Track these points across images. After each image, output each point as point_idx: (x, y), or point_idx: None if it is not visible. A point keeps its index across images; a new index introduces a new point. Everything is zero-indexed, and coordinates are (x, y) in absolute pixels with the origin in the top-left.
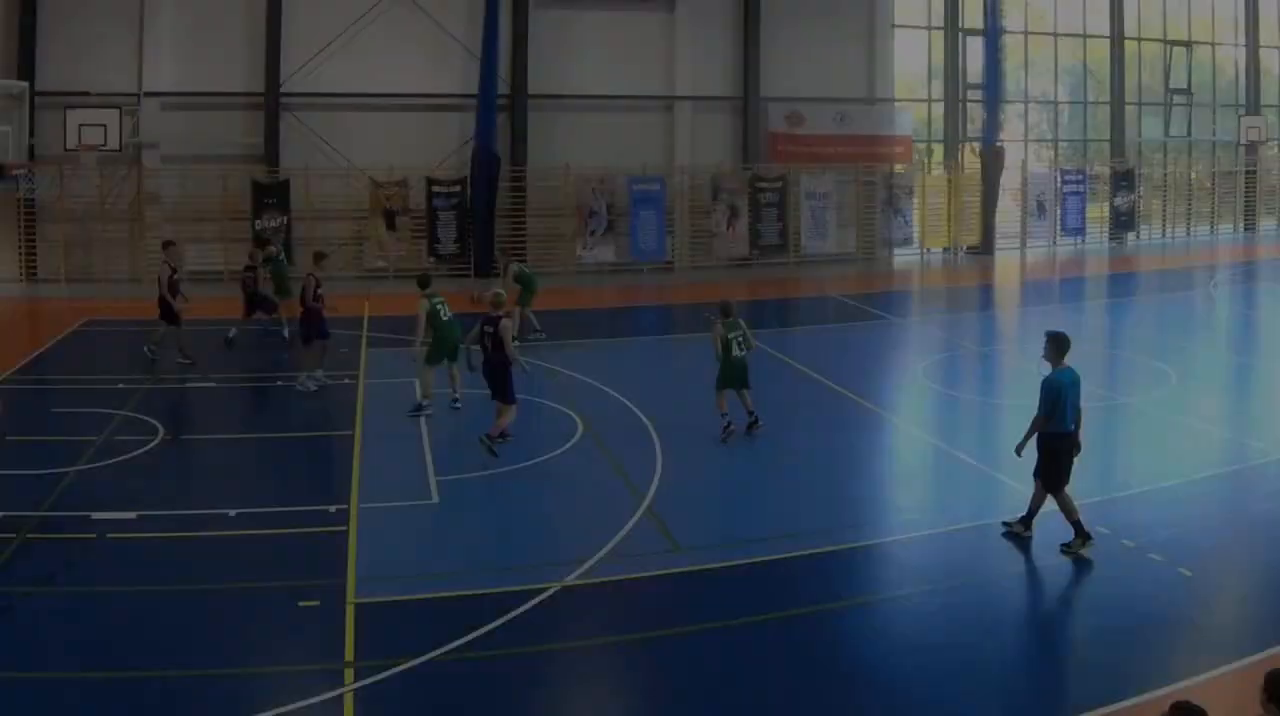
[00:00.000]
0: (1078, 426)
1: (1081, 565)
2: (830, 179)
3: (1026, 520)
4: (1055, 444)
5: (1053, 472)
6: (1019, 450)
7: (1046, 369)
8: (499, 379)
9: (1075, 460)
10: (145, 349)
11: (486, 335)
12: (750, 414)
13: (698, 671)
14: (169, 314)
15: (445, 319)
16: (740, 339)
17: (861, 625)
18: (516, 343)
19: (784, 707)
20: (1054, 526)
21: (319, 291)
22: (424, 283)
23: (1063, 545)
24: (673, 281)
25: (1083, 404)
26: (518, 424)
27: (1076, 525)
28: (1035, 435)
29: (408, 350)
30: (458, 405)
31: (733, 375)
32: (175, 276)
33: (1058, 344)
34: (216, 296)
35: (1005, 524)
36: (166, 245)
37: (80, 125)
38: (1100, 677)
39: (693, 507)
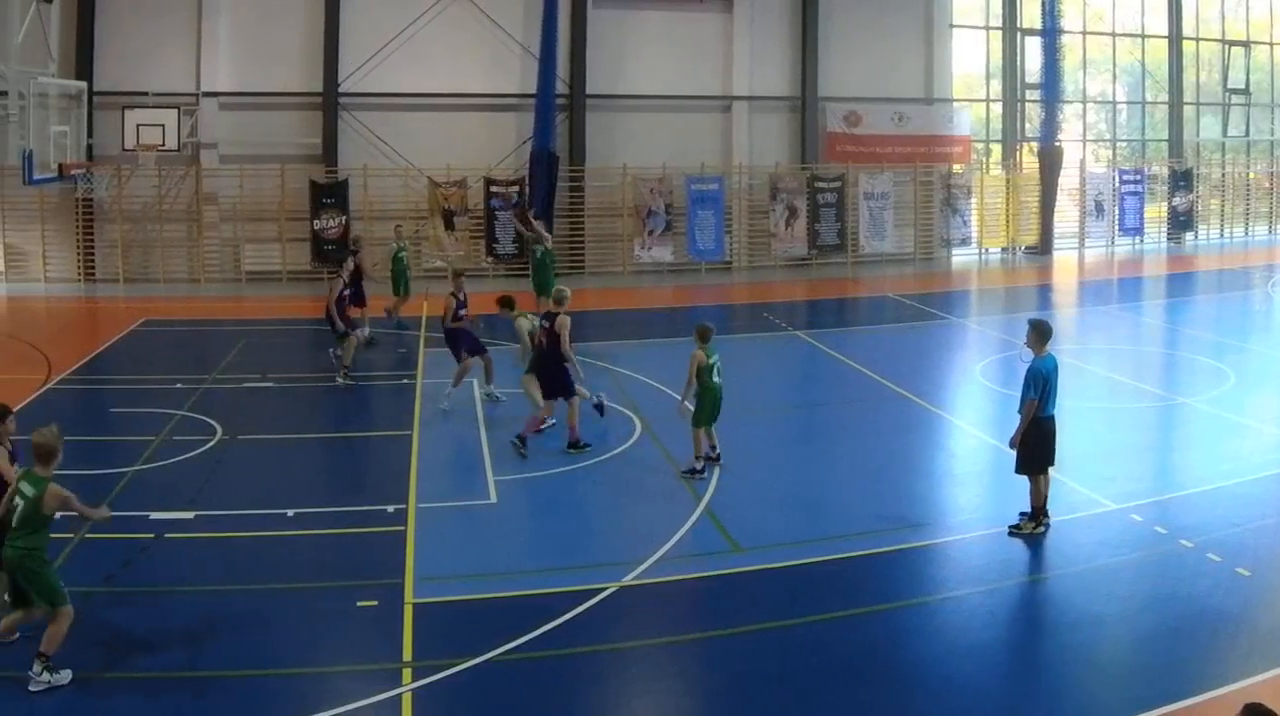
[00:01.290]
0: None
1: (1139, 565)
2: (888, 179)
3: (1036, 514)
4: (1044, 427)
5: (1041, 455)
6: (1015, 442)
7: (1029, 356)
8: (553, 375)
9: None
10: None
11: (543, 330)
12: (714, 449)
13: (756, 672)
14: (341, 319)
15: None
16: (719, 366)
17: (919, 625)
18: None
19: (842, 708)
20: (1111, 525)
21: (461, 312)
22: (509, 304)
23: (1012, 526)
24: (731, 281)
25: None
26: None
27: (1039, 509)
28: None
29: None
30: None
31: (714, 407)
32: (346, 290)
33: (1040, 332)
34: (277, 297)
35: (1014, 526)
36: (353, 246)
37: (138, 125)
38: (1158, 678)
39: (751, 507)
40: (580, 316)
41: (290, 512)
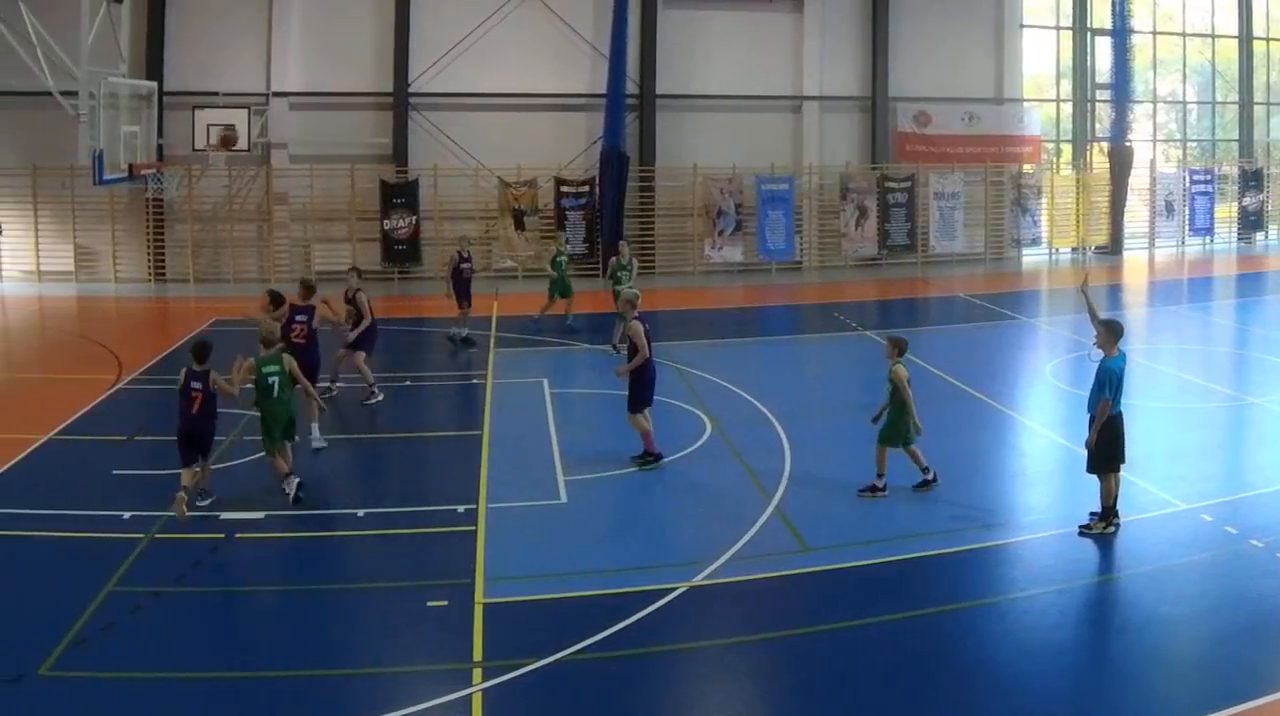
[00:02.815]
0: None
1: (1209, 565)
2: (959, 179)
3: (1106, 514)
4: (1113, 425)
5: (1111, 454)
6: (1091, 442)
7: (1098, 356)
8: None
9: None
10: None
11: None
12: (927, 469)
13: (826, 672)
14: (460, 299)
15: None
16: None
17: (989, 625)
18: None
19: (911, 708)
20: (1181, 525)
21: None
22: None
23: (1082, 526)
24: (801, 281)
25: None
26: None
27: (1110, 509)
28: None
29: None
30: None
31: (910, 428)
32: (464, 266)
33: (1112, 330)
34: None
35: (1083, 527)
36: (461, 240)
37: (209, 125)
38: (1227, 677)
39: (821, 507)
40: (651, 316)
41: (360, 513)
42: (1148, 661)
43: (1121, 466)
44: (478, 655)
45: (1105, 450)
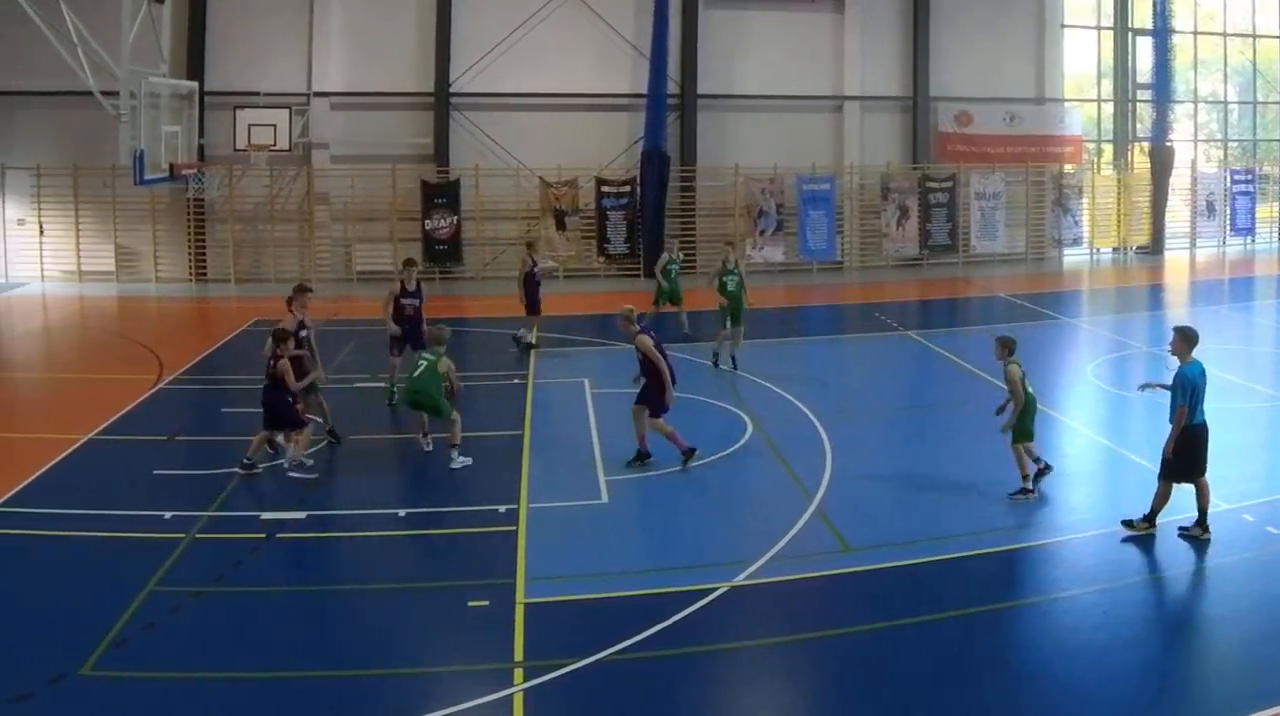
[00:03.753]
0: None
1: (1250, 564)
2: (1000, 179)
3: (1151, 517)
4: (1192, 434)
5: (1190, 462)
6: (1168, 450)
7: (1174, 364)
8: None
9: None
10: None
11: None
12: (1039, 460)
13: (867, 672)
14: (531, 306)
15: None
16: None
17: (1030, 625)
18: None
19: (952, 708)
20: (1223, 525)
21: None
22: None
23: (1182, 528)
24: (842, 281)
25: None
26: (687, 423)
27: (1205, 512)
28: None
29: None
30: None
31: (1033, 419)
32: (536, 269)
33: (1187, 338)
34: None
35: (1127, 523)
36: (530, 244)
37: (250, 125)
38: (1269, 677)
39: (863, 508)
40: (693, 316)
41: (401, 512)
42: (1189, 661)
43: (1202, 476)
44: (518, 655)
45: (1183, 459)
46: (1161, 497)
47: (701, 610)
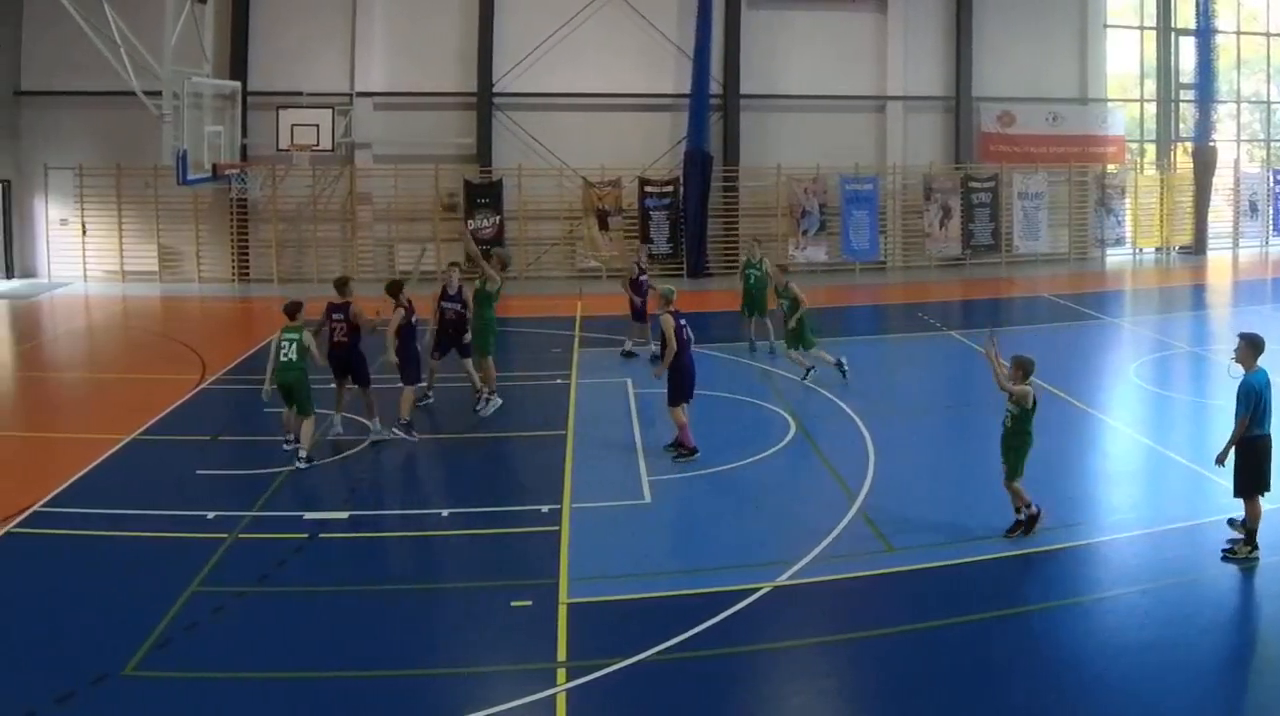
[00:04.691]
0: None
1: None
2: (1042, 179)
3: (1249, 538)
4: (1258, 446)
5: (1256, 476)
6: (1221, 459)
7: (1238, 372)
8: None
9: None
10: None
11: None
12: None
13: (910, 672)
14: (638, 312)
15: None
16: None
17: (1072, 625)
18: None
19: (994, 708)
20: (1268, 526)
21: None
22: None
23: (1225, 551)
24: (885, 281)
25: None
26: (730, 422)
27: (1253, 533)
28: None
29: None
30: None
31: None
32: (642, 279)
33: (1253, 345)
34: (430, 297)
35: (1227, 550)
36: (643, 243)
37: (293, 125)
38: None
39: (905, 508)
40: (737, 317)
41: (445, 512)
42: (1232, 662)
43: (1267, 490)
44: (561, 655)
45: (1250, 473)
46: (1254, 516)
47: (744, 610)
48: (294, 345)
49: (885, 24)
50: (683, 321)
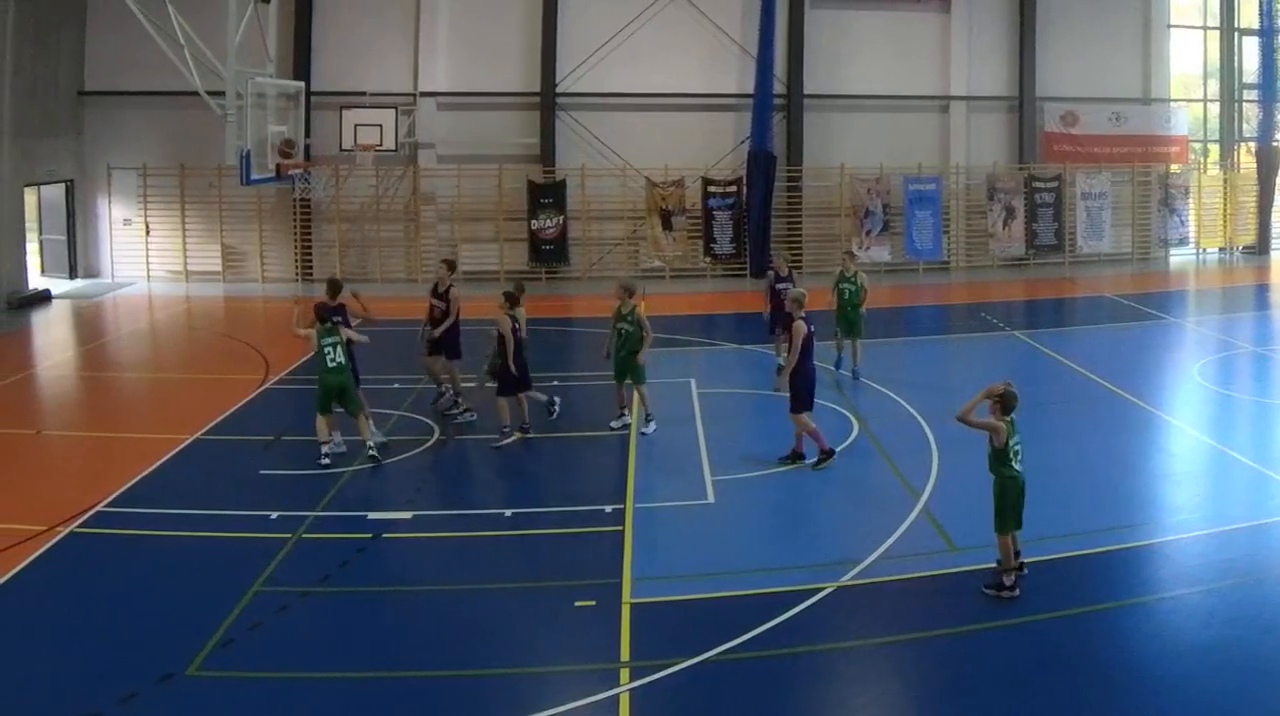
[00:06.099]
0: None
1: None
2: (1106, 179)
3: None
4: None
5: None
6: None
7: None
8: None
9: None
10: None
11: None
12: (1018, 556)
13: (973, 671)
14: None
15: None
16: (1021, 449)
17: (1135, 625)
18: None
19: (1056, 707)
20: None
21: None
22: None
23: None
24: (948, 281)
25: None
26: (789, 423)
27: None
28: None
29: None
30: None
31: (1018, 504)
32: (780, 287)
33: None
34: (493, 297)
35: None
36: (778, 254)
37: (356, 125)
38: None
39: (969, 507)
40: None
41: (508, 513)
42: None
43: None
44: (625, 655)
45: None
46: None
47: (808, 610)
48: (338, 347)
49: (949, 23)
50: (812, 327)
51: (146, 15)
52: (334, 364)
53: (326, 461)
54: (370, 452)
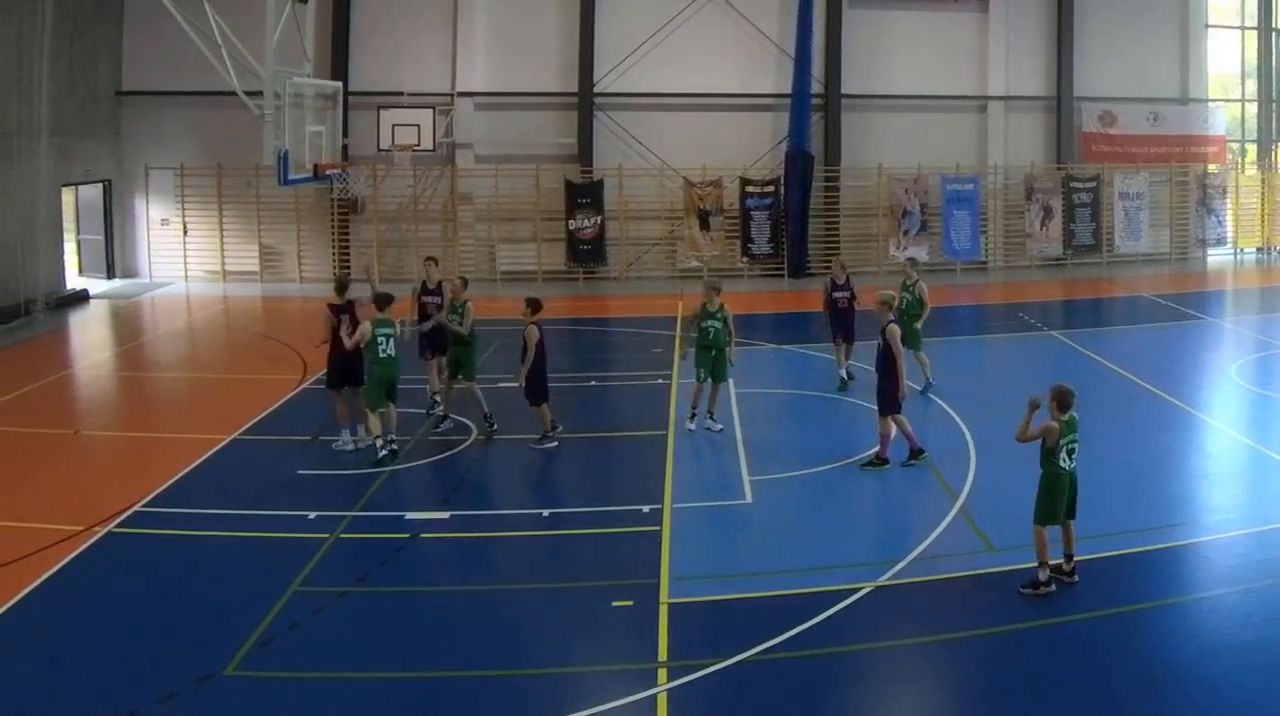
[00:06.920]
0: None
1: None
2: (1143, 179)
3: None
4: None
5: None
6: None
7: None
8: (879, 387)
9: None
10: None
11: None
12: (1070, 560)
13: (1010, 672)
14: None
15: None
16: (1076, 447)
17: (1174, 626)
18: None
19: (1094, 708)
20: None
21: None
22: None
23: None
24: (986, 281)
25: None
26: (835, 424)
27: None
28: None
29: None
30: None
31: (1067, 498)
32: (837, 294)
33: None
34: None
35: None
36: (836, 261)
37: (394, 125)
38: None
39: (1006, 508)
40: None
41: (545, 513)
42: None
43: None
44: (662, 655)
45: None
46: None
47: (845, 610)
48: (390, 340)
49: (986, 24)
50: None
51: (184, 15)
52: (385, 356)
53: (384, 453)
54: (381, 454)
